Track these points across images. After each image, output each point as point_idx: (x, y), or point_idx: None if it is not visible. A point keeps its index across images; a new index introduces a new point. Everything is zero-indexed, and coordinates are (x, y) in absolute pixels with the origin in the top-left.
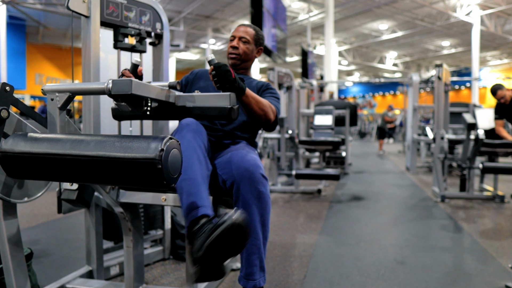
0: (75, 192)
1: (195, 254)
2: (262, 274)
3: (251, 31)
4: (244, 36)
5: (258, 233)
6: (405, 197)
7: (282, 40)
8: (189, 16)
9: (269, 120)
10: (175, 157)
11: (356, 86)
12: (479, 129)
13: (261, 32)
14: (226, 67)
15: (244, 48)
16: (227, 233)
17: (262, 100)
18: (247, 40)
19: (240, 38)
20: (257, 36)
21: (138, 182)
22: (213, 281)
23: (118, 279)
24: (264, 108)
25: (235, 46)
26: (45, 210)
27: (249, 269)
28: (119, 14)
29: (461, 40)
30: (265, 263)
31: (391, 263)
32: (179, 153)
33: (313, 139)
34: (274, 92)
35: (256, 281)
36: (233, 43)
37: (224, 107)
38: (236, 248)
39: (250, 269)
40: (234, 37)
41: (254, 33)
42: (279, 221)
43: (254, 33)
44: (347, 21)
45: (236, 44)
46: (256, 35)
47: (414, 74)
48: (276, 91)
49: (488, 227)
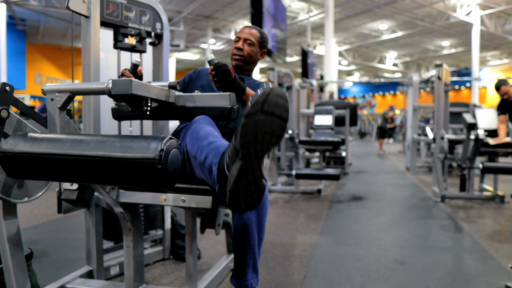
0: (75, 192)
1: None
2: (254, 275)
3: (257, 34)
4: (249, 38)
5: (254, 233)
6: (405, 197)
7: (282, 40)
8: (189, 16)
9: None
10: (175, 157)
11: (356, 86)
12: (479, 129)
13: (266, 35)
14: (226, 67)
15: (248, 50)
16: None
17: None
18: (252, 42)
19: (245, 39)
20: (262, 38)
21: (138, 182)
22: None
23: (118, 279)
24: None
25: (239, 47)
26: (45, 210)
27: (241, 269)
28: (119, 14)
29: (461, 40)
30: (258, 264)
31: (391, 263)
32: (178, 153)
33: (313, 139)
34: None
35: (247, 282)
36: (238, 44)
37: (224, 107)
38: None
39: (242, 269)
40: (239, 38)
41: (259, 35)
42: (279, 221)
43: (259, 36)
44: (347, 21)
45: (241, 46)
46: (261, 37)
47: (414, 74)
48: None
49: (488, 227)
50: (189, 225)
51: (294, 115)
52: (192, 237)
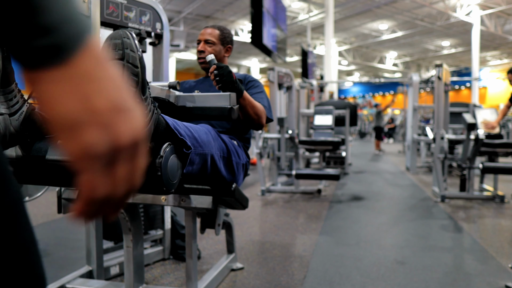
0: (75, 192)
1: None
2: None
3: (216, 32)
4: (208, 38)
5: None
6: (405, 197)
7: (282, 40)
8: (189, 16)
9: (261, 124)
10: (173, 163)
11: (356, 86)
12: (479, 129)
13: (227, 30)
14: (228, 67)
15: (210, 51)
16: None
17: (257, 105)
18: (212, 41)
19: (205, 41)
20: (223, 35)
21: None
22: (214, 278)
23: (118, 279)
24: (259, 112)
25: (201, 50)
26: (45, 210)
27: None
28: (119, 14)
29: (461, 40)
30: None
31: (391, 263)
32: (177, 160)
33: (313, 139)
34: (258, 85)
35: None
36: (199, 47)
37: (224, 107)
38: None
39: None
40: (200, 41)
41: (218, 33)
42: (279, 221)
43: (219, 33)
44: (347, 21)
45: (202, 48)
46: (222, 34)
47: (414, 74)
48: (259, 82)
49: (488, 227)
50: (189, 225)
51: (294, 115)
52: (192, 237)
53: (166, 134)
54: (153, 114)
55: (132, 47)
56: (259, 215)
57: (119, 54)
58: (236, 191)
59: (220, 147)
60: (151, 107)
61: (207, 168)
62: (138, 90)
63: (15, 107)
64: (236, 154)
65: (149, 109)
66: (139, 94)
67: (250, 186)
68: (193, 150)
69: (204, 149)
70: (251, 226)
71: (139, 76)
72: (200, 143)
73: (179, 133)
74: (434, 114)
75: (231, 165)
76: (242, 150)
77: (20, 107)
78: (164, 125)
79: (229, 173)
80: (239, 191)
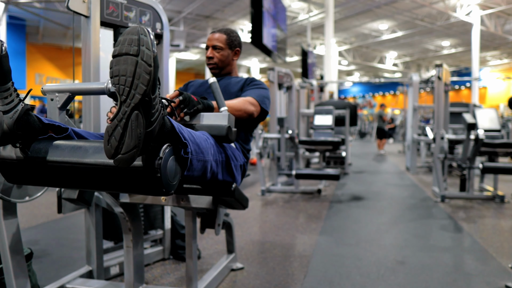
0: (75, 192)
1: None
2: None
3: (223, 37)
4: (216, 44)
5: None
6: (405, 197)
7: (282, 40)
8: (189, 16)
9: (251, 113)
10: (173, 165)
11: (356, 86)
12: (479, 129)
13: (235, 33)
14: (187, 94)
15: (219, 56)
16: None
17: (235, 102)
18: (220, 47)
19: (213, 46)
20: (230, 39)
21: (137, 190)
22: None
23: (118, 279)
24: (240, 107)
25: (209, 56)
26: (45, 210)
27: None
28: (119, 14)
29: (461, 40)
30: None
31: (391, 263)
32: (175, 162)
33: (313, 139)
34: (258, 83)
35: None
36: (208, 53)
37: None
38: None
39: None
40: (208, 47)
41: (226, 37)
42: (279, 221)
43: (226, 38)
44: (347, 21)
45: (210, 54)
46: (229, 38)
47: (414, 74)
48: (261, 82)
49: (488, 227)
50: (189, 225)
51: (294, 115)
52: (192, 237)
53: (170, 137)
54: (159, 114)
55: (148, 45)
56: (259, 215)
57: (135, 50)
58: (236, 191)
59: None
60: (158, 107)
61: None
62: (148, 89)
63: (10, 105)
64: (234, 158)
65: (156, 108)
66: (149, 92)
67: (250, 186)
68: (195, 156)
69: (205, 156)
70: (251, 226)
71: (151, 74)
72: (201, 150)
73: (183, 137)
74: (434, 114)
75: (230, 169)
76: (240, 151)
77: (15, 106)
78: (169, 127)
79: (228, 177)
80: (239, 191)
